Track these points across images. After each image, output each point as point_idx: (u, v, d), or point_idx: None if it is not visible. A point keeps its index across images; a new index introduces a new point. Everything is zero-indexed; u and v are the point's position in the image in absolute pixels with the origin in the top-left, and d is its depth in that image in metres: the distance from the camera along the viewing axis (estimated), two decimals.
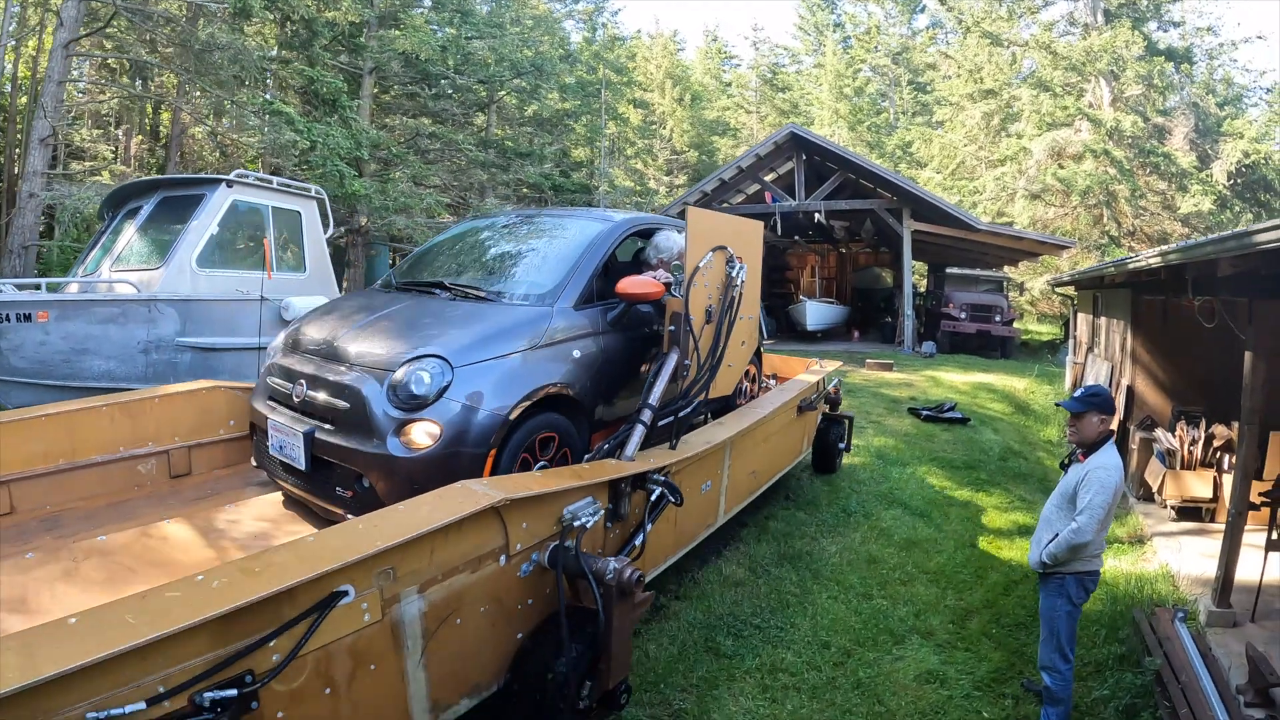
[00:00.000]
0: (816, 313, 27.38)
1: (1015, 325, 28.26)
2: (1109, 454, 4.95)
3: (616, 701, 4.42)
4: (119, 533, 4.78)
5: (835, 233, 29.38)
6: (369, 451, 4.56)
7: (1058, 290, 19.40)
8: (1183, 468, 9.62)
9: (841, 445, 10.19)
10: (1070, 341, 18.62)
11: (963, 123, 39.93)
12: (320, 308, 6.21)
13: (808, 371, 9.70)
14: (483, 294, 5.69)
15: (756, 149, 26.16)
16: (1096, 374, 14.35)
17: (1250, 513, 6.83)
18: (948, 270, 27.83)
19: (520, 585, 4.05)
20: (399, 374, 4.68)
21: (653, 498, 5.14)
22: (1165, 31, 35.30)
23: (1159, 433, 10.52)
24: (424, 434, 4.55)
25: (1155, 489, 9.82)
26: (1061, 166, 32.25)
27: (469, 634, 3.78)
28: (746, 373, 7.55)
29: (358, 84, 26.15)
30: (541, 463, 5.09)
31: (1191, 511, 9.46)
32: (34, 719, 2.26)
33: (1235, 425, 8.43)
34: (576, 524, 4.17)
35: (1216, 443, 9.57)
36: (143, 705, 2.47)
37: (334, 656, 3.11)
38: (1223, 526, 7.25)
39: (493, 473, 4.68)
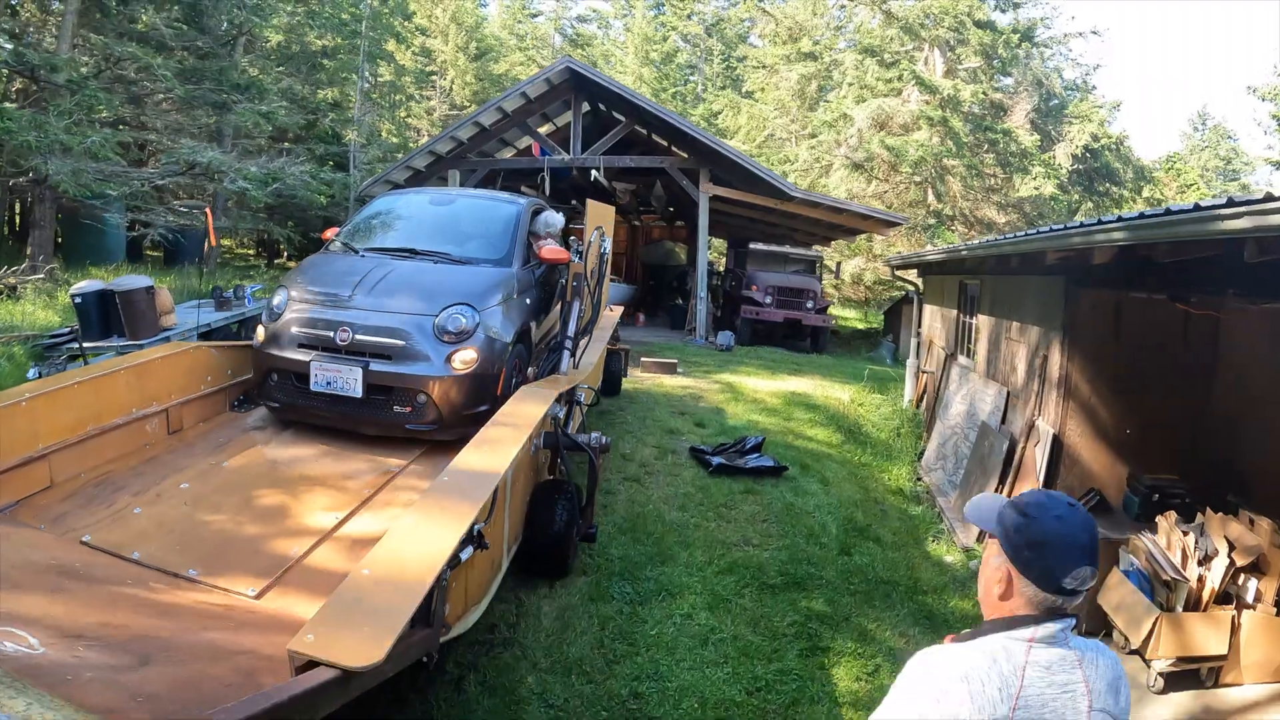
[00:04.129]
0: None
1: (830, 313, 24.01)
2: None
3: (593, 537, 6.48)
4: (194, 481, 5.49)
5: (618, 197, 24.44)
6: (427, 374, 6.20)
7: (898, 274, 14.66)
8: (1190, 607, 5.59)
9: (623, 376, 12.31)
10: (914, 341, 13.94)
11: (776, 85, 36.06)
12: (303, 273, 7.27)
13: (604, 316, 11.02)
14: (456, 258, 7.31)
15: (523, 86, 20.81)
16: (972, 399, 9.63)
17: None
18: (751, 247, 23.09)
19: (531, 463, 5.83)
20: (442, 316, 6.38)
21: (579, 399, 7.19)
22: (1004, 12, 31.70)
23: (1144, 541, 5.84)
24: (465, 360, 6.31)
25: (1135, 639, 5.69)
26: (890, 135, 28.24)
27: (517, 497, 5.32)
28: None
29: None
30: (516, 379, 6.98)
31: (1187, 673, 5.67)
32: None
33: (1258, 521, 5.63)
34: (558, 416, 6.27)
35: (1239, 559, 5.51)
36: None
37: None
38: (1244, 698, 5.38)
39: (501, 386, 6.58)
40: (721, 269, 28.45)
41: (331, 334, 6.30)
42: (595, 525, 6.45)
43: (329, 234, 8.20)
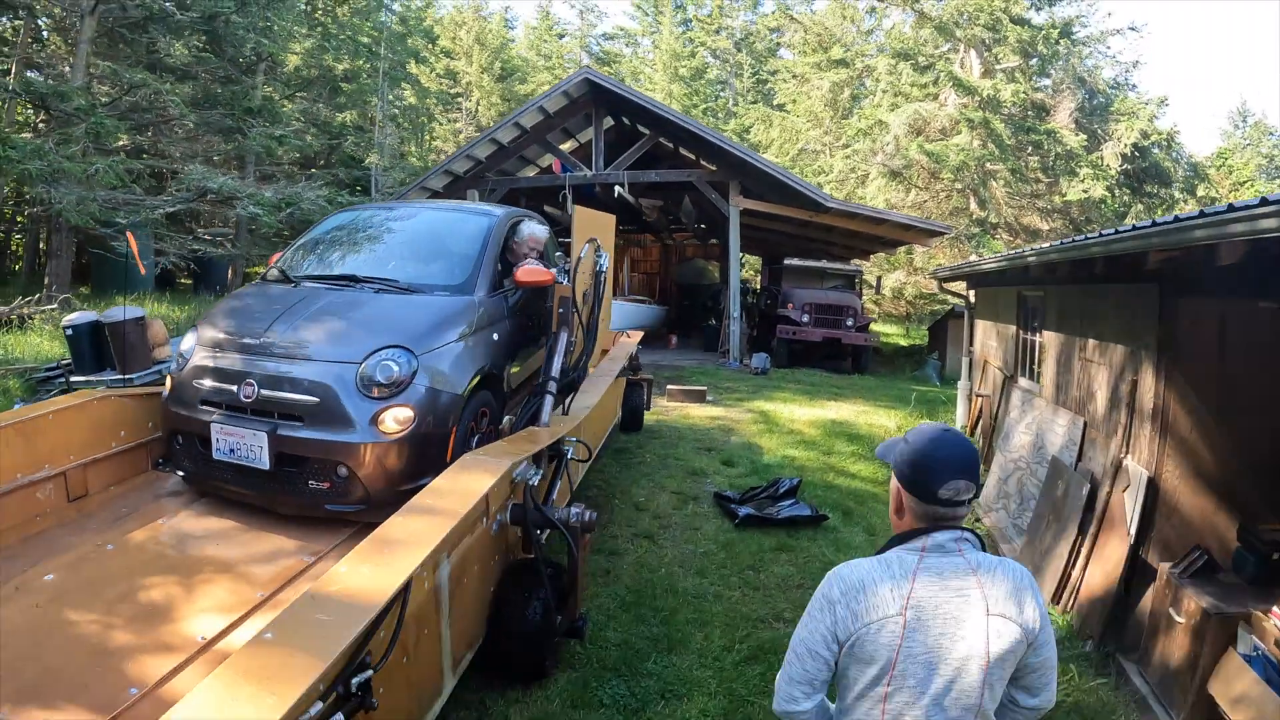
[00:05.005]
0: (618, 314, 21.18)
1: (872, 330, 22.78)
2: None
3: (580, 631, 5.01)
4: (63, 570, 4.40)
5: (646, 214, 23.34)
6: (346, 441, 4.89)
7: (946, 287, 13.44)
8: None
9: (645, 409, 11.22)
10: (964, 360, 12.70)
11: (807, 95, 34.77)
12: (223, 306, 6.10)
13: (619, 343, 10.42)
14: (403, 286, 5.98)
15: (541, 100, 19.88)
16: (1039, 429, 8.42)
17: None
18: (786, 262, 21.94)
19: (492, 543, 4.50)
20: (368, 364, 5.05)
21: (568, 456, 5.70)
22: (1039, 10, 30.29)
23: (1274, 622, 4.64)
24: (398, 419, 4.99)
25: None
26: (928, 141, 26.96)
27: (469, 591, 4.14)
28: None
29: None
30: (478, 435, 5.73)
31: None
32: None
33: None
34: (530, 483, 4.72)
35: None
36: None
37: (408, 627, 3.19)
38: None
39: (452, 448, 5.26)
40: (757, 287, 27.35)
41: (235, 388, 5.11)
42: (584, 616, 5.10)
43: (275, 259, 6.90)
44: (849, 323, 19.98)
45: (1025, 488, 8.27)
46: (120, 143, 23.05)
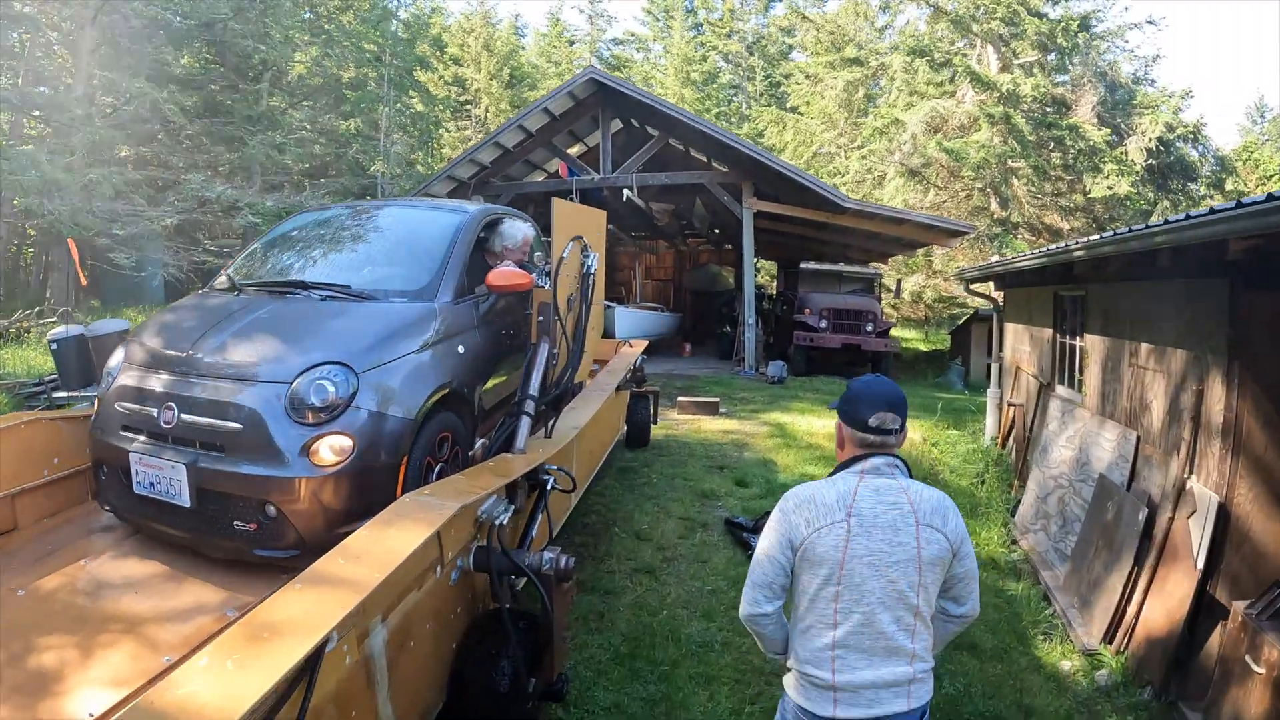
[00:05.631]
0: (628, 322, 20.61)
1: (892, 335, 21.96)
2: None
3: (559, 693, 4.31)
4: None
5: (657, 218, 22.73)
6: (275, 475, 4.14)
7: (973, 289, 12.68)
8: None
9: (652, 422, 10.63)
10: (994, 366, 11.94)
11: (821, 95, 34.03)
12: (157, 318, 5.45)
13: (620, 353, 9.94)
14: (354, 293, 5.21)
15: (545, 101, 19.23)
16: (1082, 443, 7.67)
17: None
18: (802, 266, 21.19)
19: (452, 594, 3.81)
20: (299, 384, 4.29)
21: (548, 487, 4.91)
22: (1054, 4, 29.42)
23: None
24: (335, 449, 4.23)
25: None
26: (946, 139, 26.14)
27: (420, 654, 3.48)
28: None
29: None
30: (440, 464, 4.91)
31: None
32: None
33: None
34: (496, 523, 3.95)
35: None
36: None
37: (323, 712, 2.62)
38: None
39: (404, 481, 4.49)
40: (772, 292, 26.64)
41: (155, 413, 4.41)
42: (564, 676, 4.36)
43: (227, 266, 6.26)
44: (869, 328, 19.18)
45: (1068, 508, 7.53)
46: (123, 153, 22.97)
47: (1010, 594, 6.93)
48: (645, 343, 11.35)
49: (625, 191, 19.23)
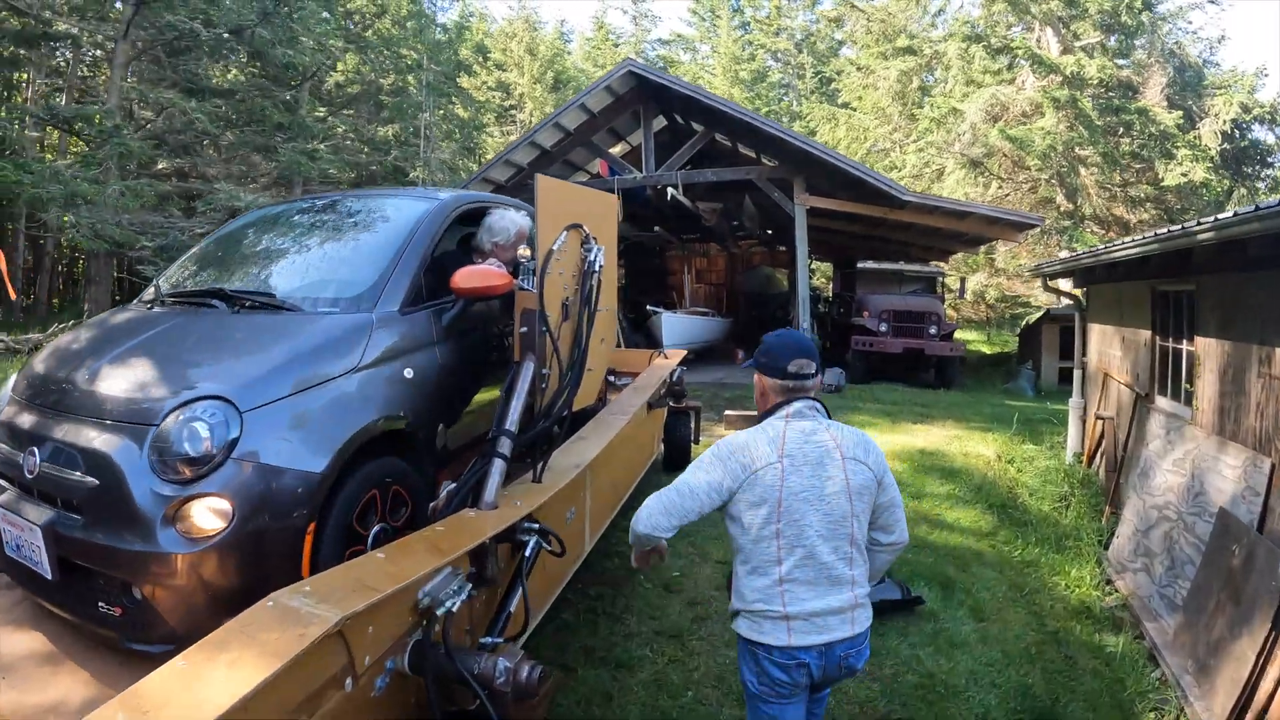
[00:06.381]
0: (677, 329, 19.60)
1: (957, 338, 20.71)
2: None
3: None
4: None
5: (705, 218, 21.69)
6: (134, 550, 3.15)
7: (1051, 284, 11.51)
8: None
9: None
10: (1077, 372, 10.76)
11: (875, 86, 32.77)
12: (65, 336, 4.51)
13: (653, 365, 8.84)
14: (278, 302, 4.26)
15: (582, 97, 18.30)
16: (1194, 468, 6.49)
17: None
18: (860, 266, 20.02)
19: (377, 706, 2.85)
20: (167, 427, 3.27)
21: (527, 551, 3.85)
22: None
23: None
24: (209, 514, 3.20)
25: None
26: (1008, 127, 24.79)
27: None
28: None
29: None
30: (379, 525, 3.77)
31: None
32: None
33: None
34: (440, 611, 2.96)
35: None
36: None
37: None
38: None
39: (315, 551, 3.42)
40: (828, 295, 25.52)
41: (20, 458, 3.56)
42: None
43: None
44: (932, 331, 17.90)
45: (1177, 546, 6.35)
46: (160, 166, 22.83)
47: (1109, 651, 5.79)
48: (683, 353, 10.14)
49: (670, 190, 18.19)
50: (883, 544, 3.16)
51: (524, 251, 4.58)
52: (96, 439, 3.36)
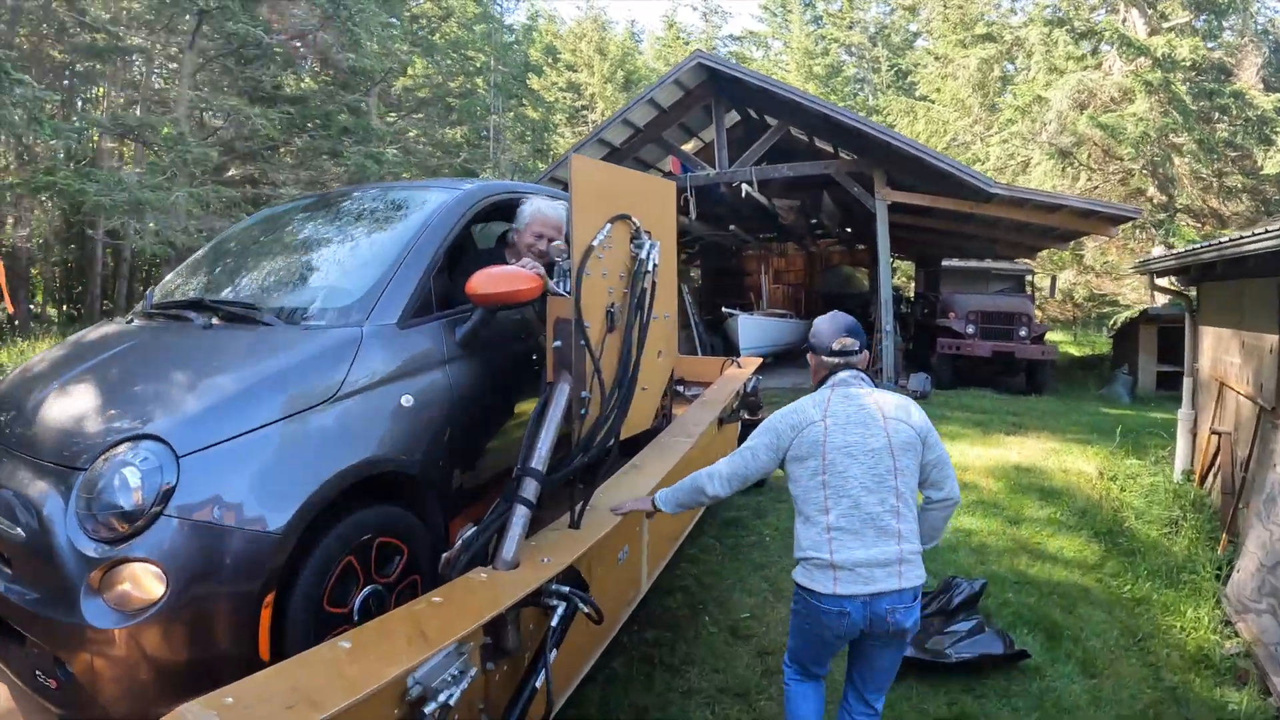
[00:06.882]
0: (754, 332, 18.87)
1: (1048, 340, 19.65)
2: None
3: None
4: None
5: (782, 216, 20.99)
6: (58, 620, 2.67)
7: (1159, 282, 10.57)
8: None
9: None
10: (1188, 380, 9.86)
11: (954, 76, 31.67)
12: (35, 358, 4.00)
13: (725, 375, 7.93)
14: (254, 314, 3.64)
15: (650, 92, 17.69)
16: None
17: None
18: (944, 264, 19.06)
19: None
20: (93, 472, 2.74)
21: (554, 620, 3.06)
22: None
23: None
24: (142, 582, 2.66)
25: None
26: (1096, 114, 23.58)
27: None
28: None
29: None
30: (368, 588, 3.19)
31: None
32: None
33: None
34: (431, 708, 2.32)
35: None
36: None
37: None
38: None
39: (278, 624, 2.83)
40: (909, 295, 24.74)
41: None
42: None
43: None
44: (1022, 333, 16.79)
45: None
46: (230, 173, 23.42)
47: (1232, 709, 4.93)
48: (758, 361, 9.08)
49: (744, 187, 17.42)
50: (934, 500, 3.36)
51: (559, 246, 3.83)
52: (29, 483, 2.91)
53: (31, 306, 29.16)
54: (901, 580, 3.09)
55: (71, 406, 3.13)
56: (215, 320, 3.68)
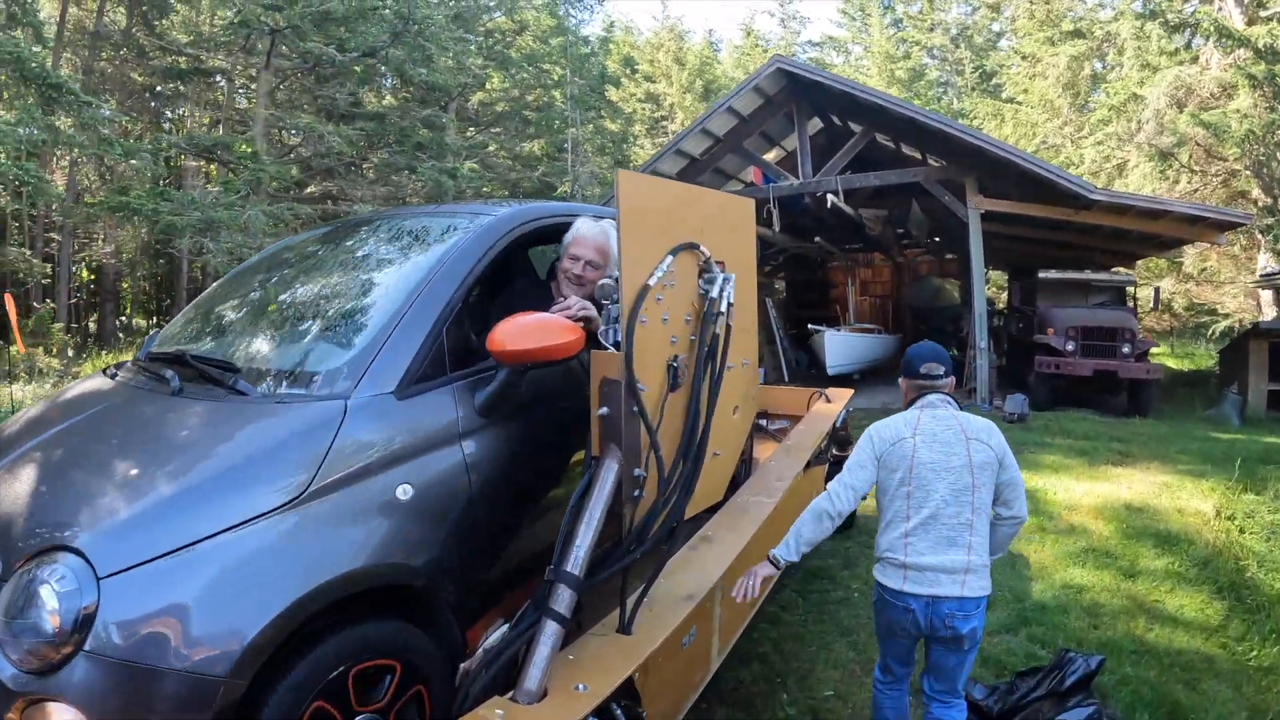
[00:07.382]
0: (841, 349, 18.01)
1: (1152, 357, 18.35)
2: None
3: None
4: None
5: (869, 227, 20.27)
6: None
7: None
8: None
9: None
10: None
11: (1043, 74, 30.55)
12: (9, 420, 3.56)
13: (812, 412, 6.90)
14: (228, 378, 3.01)
15: (729, 100, 17.20)
16: None
17: None
18: (1040, 275, 18.01)
19: None
20: (15, 585, 2.30)
21: None
22: None
23: None
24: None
25: None
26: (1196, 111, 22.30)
27: None
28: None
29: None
30: (362, 717, 2.58)
31: None
32: None
33: None
34: None
35: None
36: None
37: None
38: None
39: None
40: (1001, 307, 23.54)
41: None
42: None
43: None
44: (1125, 350, 15.42)
45: None
46: (309, 190, 24.09)
47: None
48: (849, 393, 7.86)
49: (829, 197, 16.75)
50: (1004, 517, 3.53)
51: (607, 285, 3.09)
52: None
53: (120, 319, 29.87)
54: (964, 589, 3.33)
55: (10, 496, 2.68)
56: (188, 384, 3.13)
